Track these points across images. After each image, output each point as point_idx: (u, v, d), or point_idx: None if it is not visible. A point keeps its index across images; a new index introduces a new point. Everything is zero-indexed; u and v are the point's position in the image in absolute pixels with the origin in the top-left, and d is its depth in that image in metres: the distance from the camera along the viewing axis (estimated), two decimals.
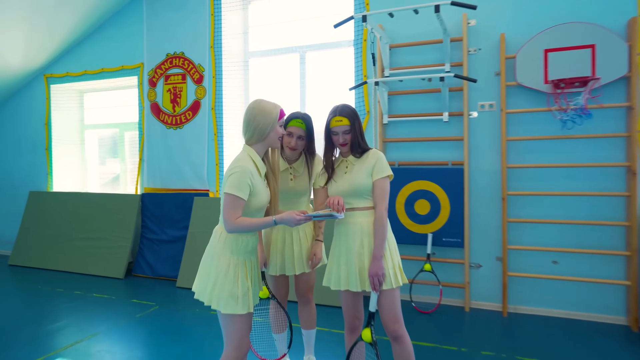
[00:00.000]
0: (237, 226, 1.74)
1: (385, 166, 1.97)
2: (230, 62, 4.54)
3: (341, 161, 2.06)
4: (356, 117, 2.02)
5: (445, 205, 3.48)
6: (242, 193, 1.74)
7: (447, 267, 3.59)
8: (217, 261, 1.81)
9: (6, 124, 5.74)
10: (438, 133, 3.63)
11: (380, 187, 1.96)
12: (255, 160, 1.86)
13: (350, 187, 1.98)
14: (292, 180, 2.30)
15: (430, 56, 3.64)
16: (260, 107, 1.86)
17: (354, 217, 1.99)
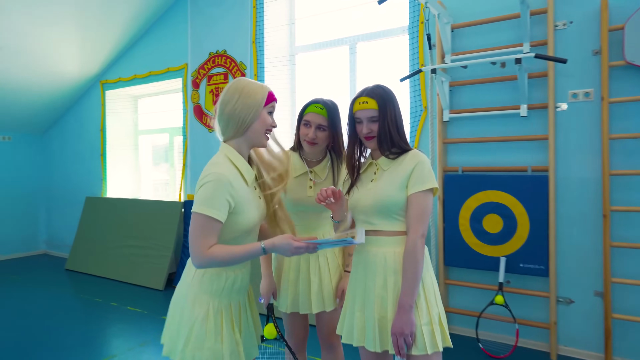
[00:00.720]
0: (209, 259, 1.26)
1: (427, 175, 1.40)
2: (274, 57, 4.15)
3: (369, 164, 1.52)
4: (390, 101, 1.45)
5: (523, 222, 2.75)
6: (217, 211, 1.26)
7: (526, 300, 2.84)
8: (192, 307, 1.33)
9: (68, 131, 5.90)
10: (514, 131, 2.90)
11: (418, 204, 1.39)
12: (237, 162, 1.36)
13: (374, 201, 1.43)
14: (312, 189, 1.77)
15: (503, 36, 2.93)
16: (239, 87, 1.36)
17: (376, 245, 1.44)
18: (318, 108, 1.73)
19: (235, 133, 1.37)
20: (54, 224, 6.12)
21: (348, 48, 3.93)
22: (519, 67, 2.59)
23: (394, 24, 3.66)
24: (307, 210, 1.79)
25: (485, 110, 2.96)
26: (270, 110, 1.41)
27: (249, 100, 1.34)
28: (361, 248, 1.49)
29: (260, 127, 1.37)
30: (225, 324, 1.35)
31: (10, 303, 3.95)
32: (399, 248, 1.41)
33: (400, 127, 1.48)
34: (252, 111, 1.34)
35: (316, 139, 1.71)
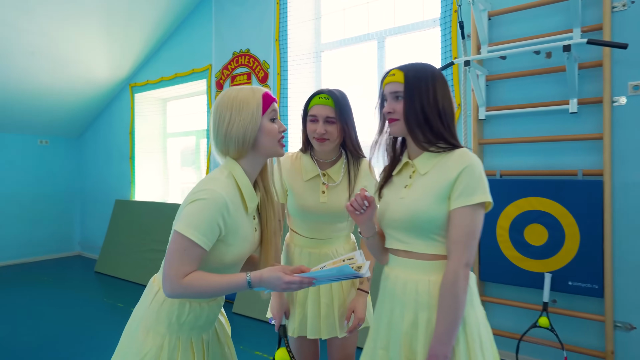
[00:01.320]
0: (183, 288, 1.05)
1: (477, 184, 1.08)
2: (298, 55, 3.97)
3: (404, 164, 1.23)
4: (425, 78, 1.15)
5: (572, 234, 2.39)
6: (203, 237, 1.06)
7: (576, 323, 2.47)
8: (144, 337, 1.12)
9: (100, 134, 5.98)
10: (561, 130, 2.55)
11: (462, 223, 1.07)
12: (241, 183, 1.14)
13: (406, 215, 1.14)
14: (325, 194, 1.53)
15: (549, 22, 2.59)
16: (228, 101, 1.15)
17: (407, 269, 1.16)
18: (323, 99, 1.50)
19: (240, 153, 1.16)
20: (87, 226, 6.22)
21: (376, 43, 3.69)
22: (568, 56, 2.25)
23: (424, 16, 3.38)
24: (319, 219, 1.56)
25: (527, 106, 2.62)
26: (272, 117, 1.18)
27: (243, 114, 1.13)
28: (389, 271, 1.21)
29: (267, 139, 1.17)
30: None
31: (37, 304, 3.97)
32: (435, 276, 1.11)
33: (445, 114, 1.16)
34: (251, 125, 1.14)
35: (326, 133, 1.48)
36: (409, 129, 1.15)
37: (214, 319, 1.24)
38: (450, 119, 1.17)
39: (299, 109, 3.97)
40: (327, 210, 1.54)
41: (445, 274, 1.08)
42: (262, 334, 3.24)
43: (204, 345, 1.22)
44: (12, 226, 5.62)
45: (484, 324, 1.13)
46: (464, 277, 1.06)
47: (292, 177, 1.58)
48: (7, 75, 4.60)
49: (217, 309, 1.25)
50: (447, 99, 1.17)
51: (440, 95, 1.14)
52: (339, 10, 3.93)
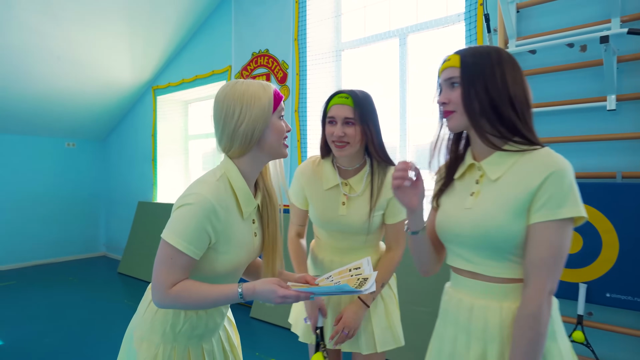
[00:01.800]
0: (172, 299, 0.98)
1: (566, 194, 0.88)
2: (317, 54, 3.88)
3: (469, 167, 1.04)
4: (489, 56, 0.96)
5: (610, 242, 2.20)
6: (190, 246, 0.98)
7: (614, 339, 2.28)
8: (138, 347, 1.06)
9: (125, 136, 6.07)
10: (598, 129, 2.36)
11: (546, 240, 0.88)
12: (236, 186, 1.06)
13: (474, 229, 0.95)
14: (344, 205, 1.41)
15: (583, 12, 2.40)
16: (237, 95, 1.06)
17: (474, 294, 0.98)
18: (342, 98, 1.38)
19: (244, 150, 1.08)
20: (112, 227, 6.32)
21: (397, 41, 3.56)
22: (606, 48, 2.07)
23: (448, 11, 3.23)
24: (339, 231, 1.45)
25: (559, 104, 2.44)
26: (281, 114, 1.11)
27: (254, 110, 1.06)
28: (452, 293, 1.04)
29: (275, 137, 1.09)
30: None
31: (62, 304, 4.02)
32: (509, 302, 0.93)
33: (519, 101, 0.95)
34: (261, 122, 1.06)
35: (344, 136, 1.36)
36: (471, 120, 0.95)
37: (215, 328, 1.17)
38: (526, 108, 0.96)
39: (318, 111, 3.88)
40: (346, 223, 1.43)
41: (523, 303, 0.88)
42: (280, 340, 3.15)
43: (205, 355, 1.14)
44: (40, 227, 5.76)
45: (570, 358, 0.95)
46: (547, 307, 0.87)
47: (312, 185, 1.49)
48: (35, 80, 4.71)
49: (219, 317, 1.17)
50: (520, 84, 0.96)
51: (511, 78, 0.95)
52: (359, 7, 3.83)
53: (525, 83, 0.98)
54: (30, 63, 4.46)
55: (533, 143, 0.95)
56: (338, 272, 1.11)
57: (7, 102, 4.90)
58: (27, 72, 4.57)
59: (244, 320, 3.57)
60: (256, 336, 3.25)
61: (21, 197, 5.60)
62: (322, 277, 1.13)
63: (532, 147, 0.95)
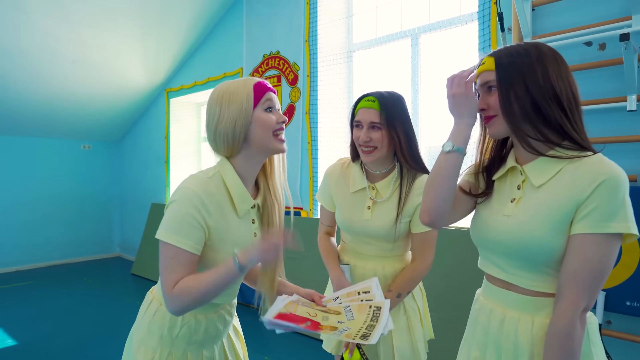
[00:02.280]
0: (179, 299, 0.95)
1: (619, 206, 0.80)
2: (328, 55, 3.85)
3: (510, 170, 0.97)
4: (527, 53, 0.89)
5: (630, 248, 2.12)
6: (186, 240, 0.96)
7: (635, 348, 2.19)
8: (135, 351, 1.05)
9: (139, 138, 6.13)
10: (618, 130, 2.28)
11: (587, 253, 0.80)
12: (230, 182, 1.02)
13: (511, 238, 0.90)
14: (370, 210, 1.37)
15: (601, 10, 2.32)
16: (218, 95, 1.04)
17: (507, 305, 0.93)
18: (369, 102, 1.34)
19: (232, 149, 1.05)
20: (126, 228, 6.39)
21: (410, 41, 3.51)
22: (626, 46, 1.99)
23: (461, 11, 3.17)
24: (363, 236, 1.41)
25: None
26: (267, 106, 1.06)
27: (233, 107, 1.03)
28: (483, 301, 0.99)
29: (260, 131, 1.04)
30: None
31: (76, 304, 4.07)
32: (542, 317, 0.88)
33: (567, 100, 0.87)
34: (241, 118, 1.02)
35: (370, 141, 1.32)
36: (512, 126, 0.87)
37: (216, 335, 1.13)
38: (575, 107, 0.88)
39: (329, 112, 3.85)
40: (371, 228, 1.39)
41: (555, 319, 0.82)
42: (287, 343, 3.13)
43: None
44: (56, 228, 5.86)
45: None
46: (581, 325, 0.81)
47: (339, 187, 1.47)
48: (51, 83, 4.79)
49: (221, 323, 1.13)
50: (567, 81, 0.88)
51: (555, 75, 0.86)
52: (371, 8, 3.79)
53: (572, 79, 0.90)
54: (46, 67, 4.53)
55: (584, 148, 0.87)
56: (346, 294, 1.07)
57: (23, 106, 4.99)
58: (43, 76, 4.65)
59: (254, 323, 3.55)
60: (266, 339, 3.23)
61: (37, 198, 5.70)
62: (328, 298, 1.09)
63: (582, 152, 0.86)
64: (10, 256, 5.48)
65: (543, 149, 0.89)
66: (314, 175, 3.81)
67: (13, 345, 3.12)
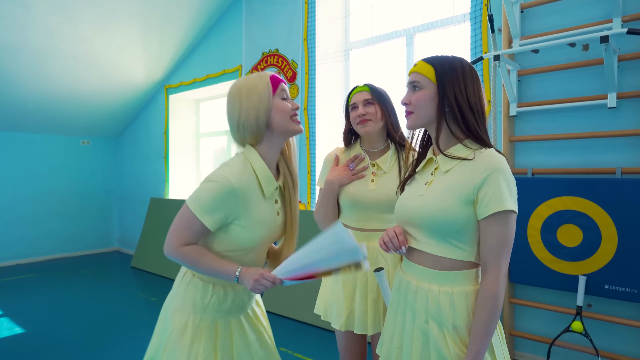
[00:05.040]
0: (180, 255, 1.15)
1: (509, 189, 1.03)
2: (326, 54, 3.97)
3: (428, 161, 1.19)
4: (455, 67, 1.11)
5: (609, 236, 2.27)
6: (208, 217, 1.14)
7: (612, 329, 2.35)
8: (172, 316, 1.19)
9: (138, 134, 6.21)
10: (598, 126, 2.43)
11: (497, 230, 1.02)
12: (257, 168, 1.18)
13: (423, 214, 1.10)
14: (373, 182, 1.55)
15: (586, 12, 2.47)
16: (237, 91, 1.19)
17: (419, 278, 1.12)
18: (359, 87, 1.61)
19: (258, 137, 1.20)
20: (125, 223, 6.47)
21: (405, 40, 3.64)
22: (606, 47, 2.14)
23: (454, 11, 3.31)
24: (369, 208, 1.56)
25: (561, 102, 2.51)
26: (282, 96, 1.21)
27: (253, 99, 1.17)
28: (402, 275, 1.18)
29: (280, 116, 1.19)
30: (203, 347, 1.16)
31: (77, 297, 4.17)
32: (446, 287, 1.07)
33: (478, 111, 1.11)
34: (262, 107, 1.17)
35: (367, 114, 1.54)
36: (438, 120, 1.09)
37: (242, 305, 1.26)
38: (482, 115, 1.11)
39: (327, 109, 3.98)
40: (377, 197, 1.54)
41: (485, 286, 1.02)
42: (286, 331, 3.26)
43: (232, 330, 1.24)
44: (56, 222, 5.94)
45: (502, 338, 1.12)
46: (503, 287, 1.02)
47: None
48: (52, 80, 4.87)
49: (246, 295, 1.27)
50: (478, 95, 1.11)
51: (474, 89, 1.09)
52: (367, 7, 3.91)
53: (482, 94, 1.13)
54: (47, 63, 4.61)
55: (484, 143, 1.10)
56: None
57: (24, 102, 5.06)
58: (44, 72, 4.72)
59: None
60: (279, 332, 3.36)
61: (38, 193, 5.78)
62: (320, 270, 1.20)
63: (480, 147, 1.09)
64: (11, 250, 5.55)
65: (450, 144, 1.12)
66: (312, 170, 3.94)
67: (22, 333, 3.23)
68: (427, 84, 1.10)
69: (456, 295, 1.05)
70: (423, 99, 1.10)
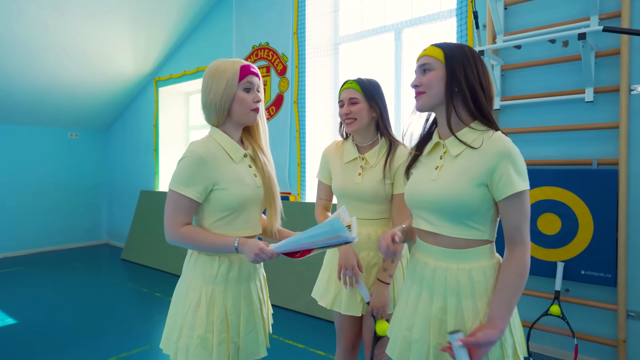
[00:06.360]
0: (178, 237, 1.24)
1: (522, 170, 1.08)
2: (316, 48, 4.03)
3: (435, 144, 1.21)
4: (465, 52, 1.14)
5: (585, 224, 2.39)
6: (190, 189, 1.23)
7: (588, 312, 2.48)
8: (186, 293, 1.29)
9: (127, 127, 6.20)
10: (576, 119, 2.54)
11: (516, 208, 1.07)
12: (222, 142, 1.29)
13: (438, 197, 1.13)
14: (360, 175, 1.62)
15: (566, 10, 2.57)
16: (211, 71, 1.29)
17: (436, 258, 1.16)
18: (349, 83, 1.64)
19: (219, 120, 1.31)
20: (114, 215, 6.47)
21: (393, 35, 3.71)
22: (583, 44, 2.25)
23: (441, 7, 3.39)
24: (357, 200, 1.63)
25: (542, 96, 2.62)
26: (246, 87, 1.28)
27: (220, 83, 1.25)
28: (418, 257, 1.21)
29: (239, 108, 1.28)
30: (217, 313, 1.26)
31: (68, 288, 4.19)
32: (463, 264, 1.11)
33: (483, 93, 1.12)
34: (226, 92, 1.25)
35: (350, 114, 1.60)
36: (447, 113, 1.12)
37: (248, 274, 1.34)
38: (491, 98, 1.15)
39: (316, 102, 4.04)
40: (363, 189, 1.61)
41: (515, 255, 1.07)
42: (278, 319, 3.34)
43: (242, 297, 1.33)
44: (45, 215, 5.91)
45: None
46: (529, 260, 1.08)
47: (334, 159, 1.72)
48: (40, 72, 4.83)
49: (251, 265, 1.35)
50: (487, 78, 1.15)
51: (482, 72, 1.13)
52: (356, 2, 3.97)
53: (490, 78, 1.17)
54: (36, 55, 4.58)
55: (491, 124, 1.13)
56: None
57: (11, 94, 5.02)
58: (32, 64, 4.69)
59: None
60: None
61: (26, 186, 5.74)
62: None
63: (488, 129, 1.13)
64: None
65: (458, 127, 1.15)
66: (302, 162, 4.01)
67: (14, 324, 3.25)
68: (437, 65, 1.13)
69: (474, 271, 1.10)
70: (434, 79, 1.13)
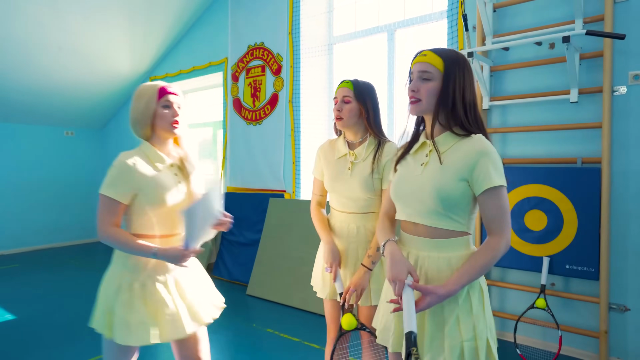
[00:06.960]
0: (107, 236, 1.42)
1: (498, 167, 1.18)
2: (310, 47, 4.09)
3: (422, 144, 1.29)
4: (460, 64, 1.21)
5: (570, 220, 2.48)
6: (116, 192, 1.42)
7: (572, 305, 2.57)
8: (107, 282, 1.47)
9: (123, 125, 6.23)
10: (562, 119, 2.63)
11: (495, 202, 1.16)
12: (148, 153, 1.52)
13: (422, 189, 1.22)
14: (350, 169, 1.70)
15: (552, 13, 2.66)
16: (135, 94, 1.52)
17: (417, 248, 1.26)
18: (344, 83, 1.72)
19: (145, 134, 1.50)
20: None
21: (386, 35, 3.79)
22: (568, 47, 2.33)
23: (433, 9, 3.47)
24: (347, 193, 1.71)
25: (529, 96, 2.70)
26: (165, 104, 1.48)
27: (140, 103, 1.47)
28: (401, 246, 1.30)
29: (160, 122, 1.48)
30: (138, 298, 1.42)
31: (64, 285, 4.24)
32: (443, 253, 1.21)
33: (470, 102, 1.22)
34: (147, 111, 1.47)
35: (341, 112, 1.68)
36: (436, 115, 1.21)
37: (164, 265, 1.48)
38: (474, 108, 1.23)
39: (311, 101, 4.11)
40: (351, 183, 1.69)
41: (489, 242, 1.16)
42: (273, 314, 3.41)
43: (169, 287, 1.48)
44: (41, 213, 5.94)
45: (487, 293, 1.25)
46: (504, 248, 1.16)
47: (327, 155, 1.81)
48: (36, 70, 4.86)
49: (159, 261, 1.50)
50: (471, 91, 1.23)
51: (468, 87, 1.21)
52: (350, 3, 4.04)
53: (474, 87, 1.25)
54: (32, 54, 4.61)
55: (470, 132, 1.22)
56: None
57: (7, 92, 5.04)
58: (29, 63, 4.72)
59: (241, 298, 3.82)
60: (253, 311, 3.51)
61: (22, 184, 5.77)
62: None
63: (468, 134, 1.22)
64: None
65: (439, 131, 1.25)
66: (296, 160, 4.07)
67: (13, 319, 3.30)
68: (437, 76, 1.20)
69: (453, 259, 1.19)
70: (433, 90, 1.20)
